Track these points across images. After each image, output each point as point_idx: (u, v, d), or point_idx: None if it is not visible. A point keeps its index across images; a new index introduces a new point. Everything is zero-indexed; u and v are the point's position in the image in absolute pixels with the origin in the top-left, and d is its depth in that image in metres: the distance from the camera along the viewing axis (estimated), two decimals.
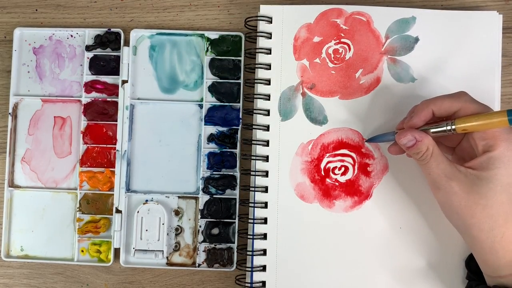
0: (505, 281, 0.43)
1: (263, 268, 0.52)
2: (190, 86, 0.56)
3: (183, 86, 0.56)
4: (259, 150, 0.53)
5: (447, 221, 0.51)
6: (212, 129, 0.56)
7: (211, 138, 0.55)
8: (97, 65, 0.57)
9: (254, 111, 0.53)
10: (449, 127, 0.44)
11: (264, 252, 0.52)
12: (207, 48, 0.56)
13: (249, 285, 0.52)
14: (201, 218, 0.55)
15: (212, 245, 0.54)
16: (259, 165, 0.53)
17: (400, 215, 0.52)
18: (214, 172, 0.55)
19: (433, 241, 0.51)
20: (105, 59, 0.57)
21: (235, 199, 0.55)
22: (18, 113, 0.57)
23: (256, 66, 0.54)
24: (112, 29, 0.56)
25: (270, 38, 0.54)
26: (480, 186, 0.42)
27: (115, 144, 0.56)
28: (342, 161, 0.53)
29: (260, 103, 0.53)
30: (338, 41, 0.53)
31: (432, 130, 0.45)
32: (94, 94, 0.56)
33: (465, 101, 0.44)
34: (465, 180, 0.43)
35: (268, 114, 0.53)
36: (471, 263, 0.50)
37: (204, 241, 0.55)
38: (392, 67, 0.53)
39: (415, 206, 0.52)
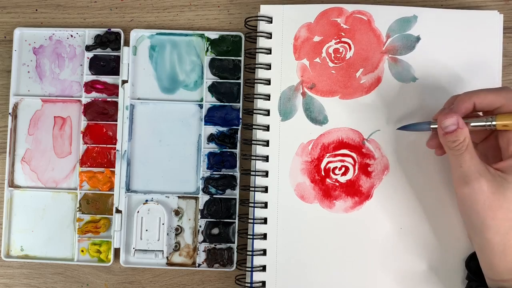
0: (507, 285, 0.43)
1: (263, 268, 0.52)
2: (190, 86, 0.56)
3: (183, 86, 0.56)
4: (259, 150, 0.53)
5: (448, 222, 0.51)
6: (212, 129, 0.56)
7: (211, 138, 0.55)
8: (97, 65, 0.56)
9: (254, 111, 0.53)
10: (489, 122, 0.43)
11: (264, 252, 0.52)
12: (207, 48, 0.56)
13: (249, 285, 0.51)
14: (201, 218, 0.55)
15: (212, 245, 0.54)
16: (259, 165, 0.53)
17: (401, 215, 0.52)
18: (214, 172, 0.55)
19: (434, 242, 0.51)
20: (105, 59, 0.56)
21: (235, 199, 0.55)
22: (18, 113, 0.57)
23: (256, 66, 0.54)
24: (112, 29, 0.56)
25: (270, 38, 0.54)
26: (506, 189, 0.42)
27: (115, 144, 0.56)
28: (343, 161, 0.52)
29: (260, 103, 0.53)
30: (338, 40, 0.53)
31: (472, 124, 0.44)
32: (94, 94, 0.56)
33: (509, 98, 0.43)
34: (493, 181, 0.42)
35: (268, 114, 0.53)
36: (471, 264, 0.49)
37: (204, 241, 0.54)
38: (393, 66, 0.53)
39: (416, 206, 0.52)
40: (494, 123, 0.43)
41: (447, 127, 0.43)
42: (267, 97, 0.53)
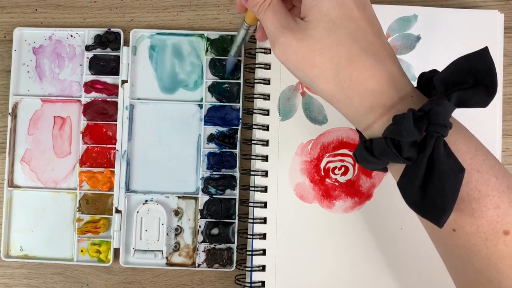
0: (373, 131, 0.38)
1: (263, 268, 0.52)
2: (190, 86, 0.56)
3: (183, 86, 0.56)
4: (259, 150, 0.53)
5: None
6: (212, 129, 0.55)
7: (211, 138, 0.55)
8: (97, 65, 0.56)
9: (254, 111, 0.53)
10: None
11: (263, 252, 0.52)
12: (207, 48, 0.56)
13: (248, 285, 0.51)
14: (200, 218, 0.55)
15: (212, 245, 0.54)
16: (259, 165, 0.53)
17: (401, 216, 0.52)
18: (214, 172, 0.55)
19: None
20: (105, 59, 0.56)
21: (234, 199, 0.54)
22: (17, 113, 0.57)
23: (256, 66, 0.54)
24: (112, 29, 0.56)
25: None
26: (311, 30, 0.37)
27: (115, 144, 0.56)
28: (342, 161, 0.52)
29: (259, 103, 0.53)
30: None
31: None
32: (94, 94, 0.56)
33: None
34: (298, 29, 0.38)
35: (268, 114, 0.53)
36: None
37: (203, 241, 0.54)
38: None
39: None
40: None
41: None
42: (267, 97, 0.53)
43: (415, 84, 0.39)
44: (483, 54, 0.35)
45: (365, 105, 0.37)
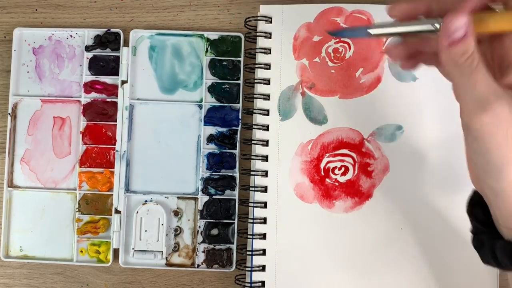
0: None
1: (263, 268, 0.51)
2: (190, 86, 0.56)
3: (183, 86, 0.56)
4: (259, 150, 0.53)
5: (448, 222, 0.51)
6: (212, 130, 0.55)
7: (210, 139, 0.55)
8: (96, 66, 0.56)
9: (254, 111, 0.53)
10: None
11: (263, 252, 0.52)
12: (207, 49, 0.56)
13: (248, 285, 0.51)
14: (200, 218, 0.54)
15: (211, 246, 0.54)
16: (259, 165, 0.53)
17: (401, 216, 0.52)
18: (214, 173, 0.55)
19: (434, 242, 0.51)
20: (104, 59, 0.56)
21: (234, 199, 0.54)
22: (17, 113, 0.57)
23: (256, 66, 0.54)
24: (112, 30, 0.56)
25: (270, 38, 0.54)
26: None
27: (115, 144, 0.55)
28: (342, 161, 0.52)
29: (259, 103, 0.53)
30: (338, 40, 0.53)
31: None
32: (93, 95, 0.56)
33: None
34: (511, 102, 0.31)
35: (268, 114, 0.53)
36: (476, 211, 0.39)
37: (203, 241, 0.54)
38: (393, 66, 0.53)
39: (417, 207, 0.52)
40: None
41: (452, 32, 0.31)
42: (267, 97, 0.53)
43: (416, 84, 0.38)
44: None
45: None
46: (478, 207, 0.38)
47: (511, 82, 0.32)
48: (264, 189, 0.52)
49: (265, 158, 0.52)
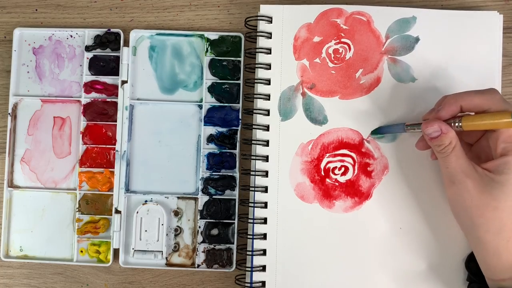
0: (507, 284, 0.43)
1: (263, 268, 0.52)
2: (190, 86, 0.56)
3: (183, 86, 0.56)
4: (259, 150, 0.53)
5: (447, 222, 0.51)
6: (212, 130, 0.55)
7: (210, 139, 0.55)
8: (96, 66, 0.56)
9: (254, 111, 0.53)
10: (456, 124, 0.44)
11: (263, 252, 0.52)
12: (207, 49, 0.56)
13: (248, 285, 0.51)
14: (200, 218, 0.55)
15: (212, 246, 0.54)
16: (259, 165, 0.53)
17: (401, 215, 0.52)
18: (214, 173, 0.55)
19: (434, 242, 0.51)
20: (104, 59, 0.56)
21: (234, 199, 0.55)
22: (17, 113, 0.57)
23: (256, 66, 0.54)
24: (112, 30, 0.56)
25: (270, 38, 0.54)
26: (493, 188, 0.42)
27: (115, 144, 0.56)
28: (342, 161, 0.52)
29: (260, 103, 0.53)
30: (338, 41, 0.53)
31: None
32: (93, 95, 0.56)
33: (495, 100, 0.43)
34: (480, 180, 0.43)
35: (268, 114, 0.53)
36: (471, 264, 0.50)
37: (203, 241, 0.54)
38: (393, 67, 0.53)
39: (416, 206, 0.52)
40: (460, 124, 0.44)
41: (429, 134, 0.44)
42: (267, 97, 0.53)
43: (415, 85, 0.39)
44: None
45: (511, 263, 0.43)
46: (473, 262, 0.48)
47: (488, 168, 0.43)
48: (264, 189, 0.52)
49: (266, 158, 0.53)
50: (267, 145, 0.53)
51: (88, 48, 0.56)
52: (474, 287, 0.48)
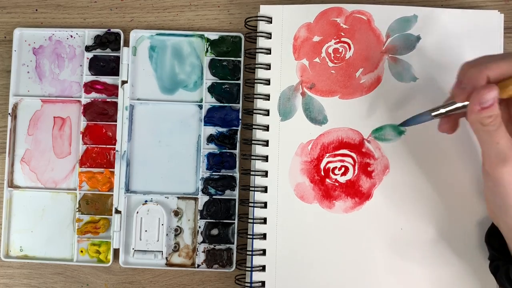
0: None
1: (263, 268, 0.51)
2: (190, 86, 0.56)
3: (183, 86, 0.56)
4: (259, 150, 0.53)
5: (449, 222, 0.51)
6: (212, 130, 0.55)
7: (210, 139, 0.55)
8: (96, 66, 0.56)
9: (254, 111, 0.53)
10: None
11: (263, 252, 0.52)
12: (207, 49, 0.56)
13: (248, 285, 0.51)
14: (200, 218, 0.54)
15: (212, 246, 0.54)
16: (259, 165, 0.53)
17: (401, 216, 0.52)
18: (214, 173, 0.55)
19: (435, 242, 0.51)
20: (104, 59, 0.56)
21: (234, 199, 0.54)
22: (17, 113, 0.57)
23: (256, 66, 0.54)
24: (112, 30, 0.56)
25: (270, 38, 0.54)
26: None
27: (115, 144, 0.55)
28: (342, 161, 0.52)
29: (259, 103, 0.53)
30: (338, 40, 0.53)
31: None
32: (93, 95, 0.56)
33: None
34: None
35: (268, 114, 0.53)
36: (492, 241, 0.46)
37: (203, 241, 0.54)
38: (393, 66, 0.53)
39: (417, 207, 0.52)
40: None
41: (485, 102, 0.38)
42: (267, 97, 0.53)
43: (415, 84, 0.38)
44: None
45: None
46: (494, 237, 0.46)
47: None
48: (264, 189, 0.52)
49: (265, 158, 0.52)
50: (267, 145, 0.53)
51: (88, 48, 0.56)
52: (498, 265, 0.45)
